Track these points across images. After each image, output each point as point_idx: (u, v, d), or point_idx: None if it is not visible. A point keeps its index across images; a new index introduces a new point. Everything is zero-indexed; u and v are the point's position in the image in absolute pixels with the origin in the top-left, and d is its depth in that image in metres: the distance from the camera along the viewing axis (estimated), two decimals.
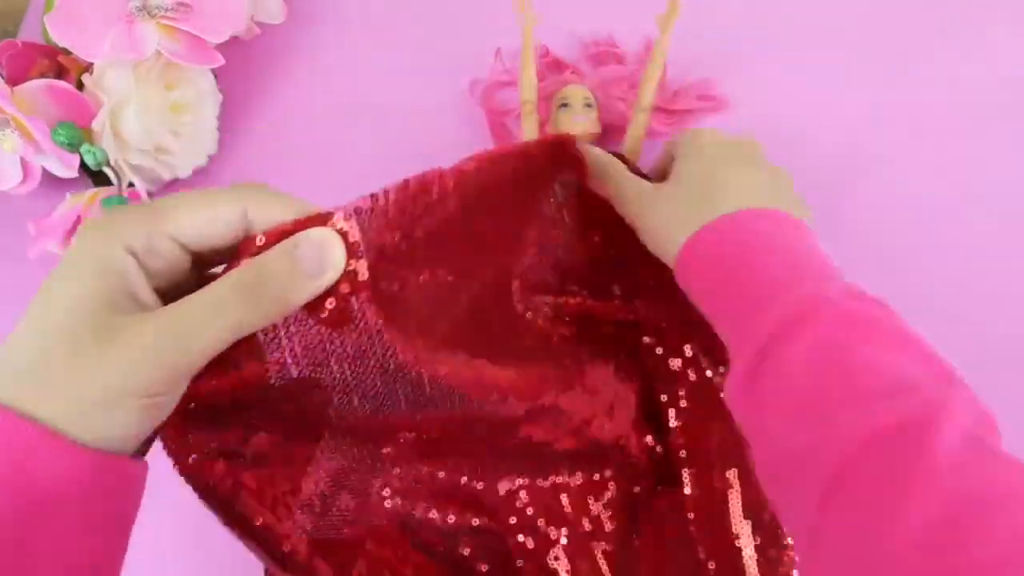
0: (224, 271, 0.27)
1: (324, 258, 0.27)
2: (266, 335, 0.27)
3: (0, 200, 0.56)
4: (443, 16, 0.62)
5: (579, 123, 0.50)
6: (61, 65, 0.55)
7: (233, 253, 0.27)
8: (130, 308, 0.25)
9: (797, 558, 0.28)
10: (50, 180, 0.53)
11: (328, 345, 0.29)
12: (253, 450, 0.32)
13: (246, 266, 0.26)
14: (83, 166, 0.52)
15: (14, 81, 0.51)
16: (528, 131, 0.50)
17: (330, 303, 0.27)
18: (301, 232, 0.27)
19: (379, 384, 0.31)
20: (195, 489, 0.30)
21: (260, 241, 0.26)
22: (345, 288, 0.27)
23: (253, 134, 0.59)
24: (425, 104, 0.59)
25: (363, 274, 0.28)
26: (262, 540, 0.33)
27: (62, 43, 0.50)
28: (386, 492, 0.39)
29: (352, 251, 0.27)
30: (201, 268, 0.28)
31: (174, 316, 0.25)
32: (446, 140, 0.57)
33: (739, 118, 0.54)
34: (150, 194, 0.53)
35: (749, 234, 0.35)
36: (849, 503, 0.26)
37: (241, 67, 0.60)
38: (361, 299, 0.28)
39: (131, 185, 0.53)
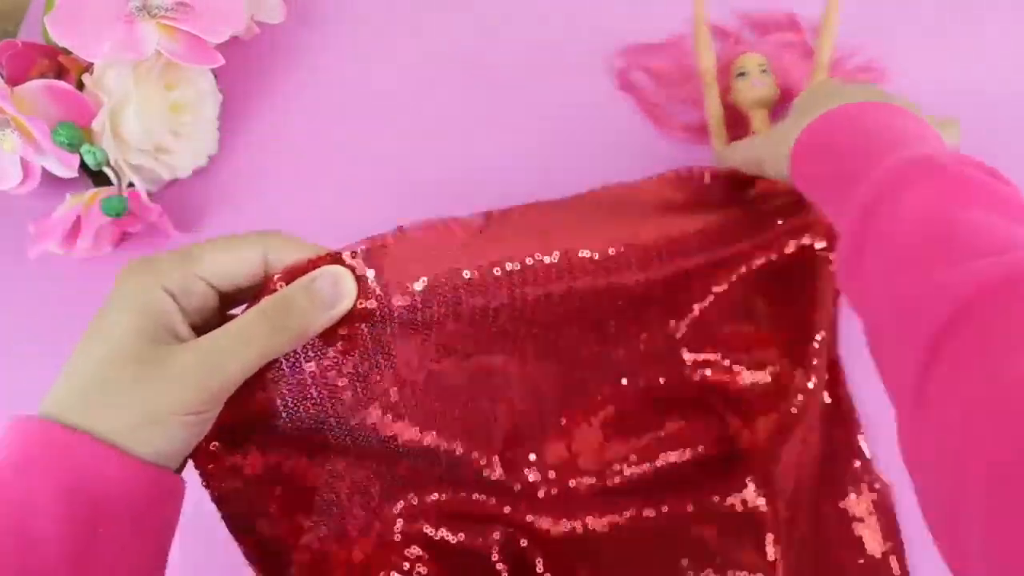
0: (244, 310, 0.30)
1: (338, 290, 0.30)
2: (287, 360, 0.31)
3: (0, 200, 0.56)
4: (444, 15, 0.62)
5: (758, 89, 0.51)
6: (61, 65, 0.55)
7: (254, 293, 0.31)
8: (170, 340, 0.29)
9: (899, 428, 0.27)
10: (50, 180, 0.52)
11: (341, 367, 0.32)
12: (271, 470, 0.34)
13: (271, 299, 0.30)
14: (83, 166, 0.52)
15: (14, 81, 0.51)
16: (711, 102, 0.52)
17: (343, 330, 0.31)
18: (318, 269, 0.30)
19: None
20: (215, 499, 0.33)
21: (278, 280, 0.30)
22: (356, 317, 0.31)
23: (253, 134, 0.59)
24: (425, 103, 0.59)
25: (370, 304, 0.31)
26: (268, 553, 0.34)
27: (62, 43, 0.50)
28: (399, 511, 0.39)
29: (361, 284, 0.31)
30: (224, 307, 0.32)
31: (210, 344, 0.29)
32: (446, 139, 0.57)
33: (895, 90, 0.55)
34: (150, 194, 0.53)
35: (857, 119, 0.36)
36: (956, 358, 0.25)
37: (241, 67, 0.60)
38: (370, 326, 0.32)
39: (131, 185, 0.53)
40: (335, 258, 0.31)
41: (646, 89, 0.57)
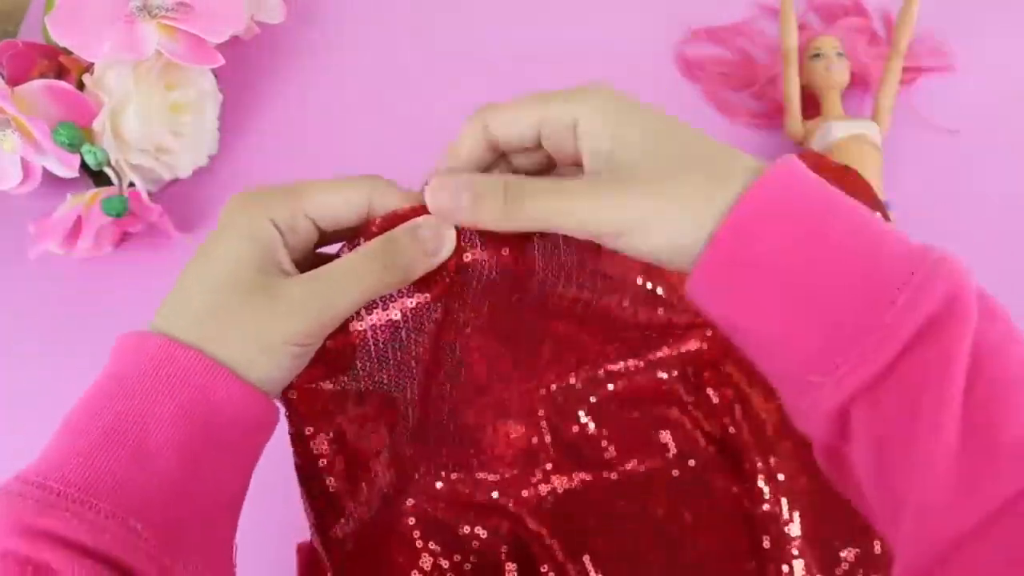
0: (340, 250, 0.32)
1: (440, 239, 0.31)
2: (382, 301, 0.32)
3: (0, 200, 0.56)
4: (444, 15, 0.62)
5: (835, 71, 0.53)
6: (62, 65, 0.55)
7: (352, 234, 0.32)
8: (277, 272, 0.29)
9: None
10: (50, 180, 0.53)
11: (431, 314, 0.34)
12: (350, 426, 0.35)
13: (378, 241, 0.30)
14: (83, 166, 0.52)
15: (14, 81, 0.51)
16: (791, 80, 0.53)
17: (437, 278, 0.32)
18: (423, 216, 0.31)
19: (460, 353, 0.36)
20: (294, 437, 0.33)
21: (379, 224, 0.31)
22: (451, 268, 0.32)
23: (253, 134, 0.59)
24: (424, 103, 0.59)
25: (468, 256, 0.32)
26: (326, 505, 0.35)
27: (62, 43, 0.50)
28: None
29: (459, 237, 0.32)
30: (318, 246, 0.33)
31: (322, 278, 0.29)
32: (445, 139, 0.57)
33: (963, 82, 0.56)
34: (150, 194, 0.53)
35: (791, 219, 0.26)
36: None
37: (241, 67, 0.60)
38: (462, 278, 0.33)
39: (132, 185, 0.53)
40: None
41: (712, 77, 0.59)
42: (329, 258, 0.32)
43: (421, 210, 0.32)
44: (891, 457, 0.24)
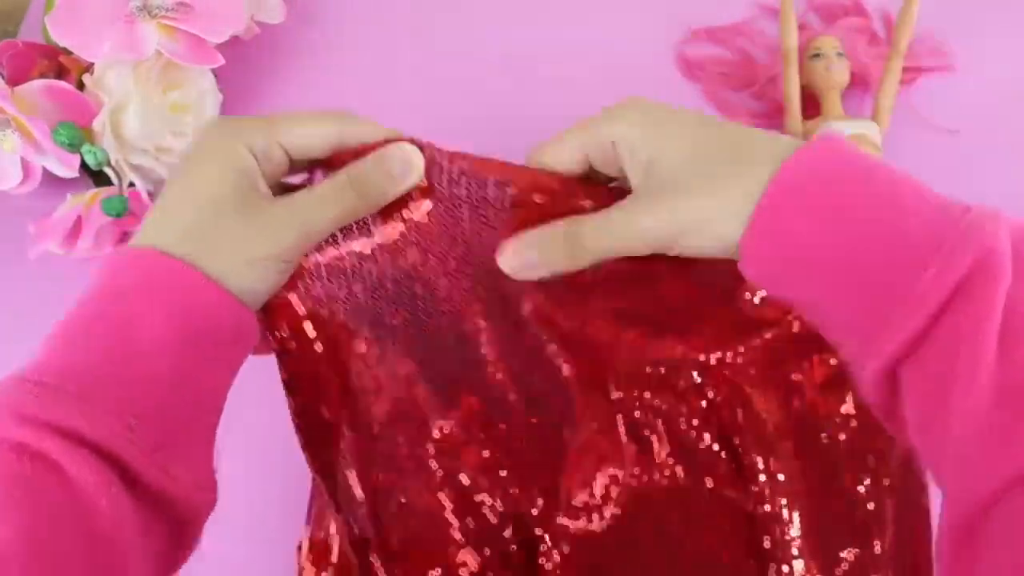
0: (313, 174, 0.34)
1: (408, 165, 0.33)
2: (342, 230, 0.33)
3: (0, 200, 0.56)
4: (444, 15, 0.62)
5: (835, 72, 0.53)
6: (62, 65, 0.55)
7: (321, 163, 0.33)
8: (257, 195, 0.31)
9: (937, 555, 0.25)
10: (50, 180, 0.53)
11: (395, 243, 0.34)
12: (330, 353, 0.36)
13: (352, 167, 0.32)
14: (83, 166, 0.52)
15: (14, 81, 0.51)
16: (791, 80, 0.54)
17: (400, 207, 0.34)
18: (392, 144, 0.33)
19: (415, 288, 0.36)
20: (279, 358, 0.34)
21: (349, 154, 0.33)
22: (416, 195, 0.34)
23: None
24: (424, 104, 0.59)
25: (430, 186, 0.34)
26: (320, 441, 0.36)
27: (62, 43, 0.50)
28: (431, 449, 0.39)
29: (426, 166, 0.33)
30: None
31: (304, 199, 0.31)
32: (448, 138, 0.57)
33: (963, 82, 0.56)
34: (150, 194, 0.53)
35: (836, 184, 0.27)
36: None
37: (241, 67, 0.60)
38: (430, 207, 0.34)
39: (132, 185, 0.53)
40: (406, 141, 0.34)
41: (712, 77, 0.59)
42: (293, 188, 0.34)
43: (389, 141, 0.33)
44: (932, 414, 0.25)
